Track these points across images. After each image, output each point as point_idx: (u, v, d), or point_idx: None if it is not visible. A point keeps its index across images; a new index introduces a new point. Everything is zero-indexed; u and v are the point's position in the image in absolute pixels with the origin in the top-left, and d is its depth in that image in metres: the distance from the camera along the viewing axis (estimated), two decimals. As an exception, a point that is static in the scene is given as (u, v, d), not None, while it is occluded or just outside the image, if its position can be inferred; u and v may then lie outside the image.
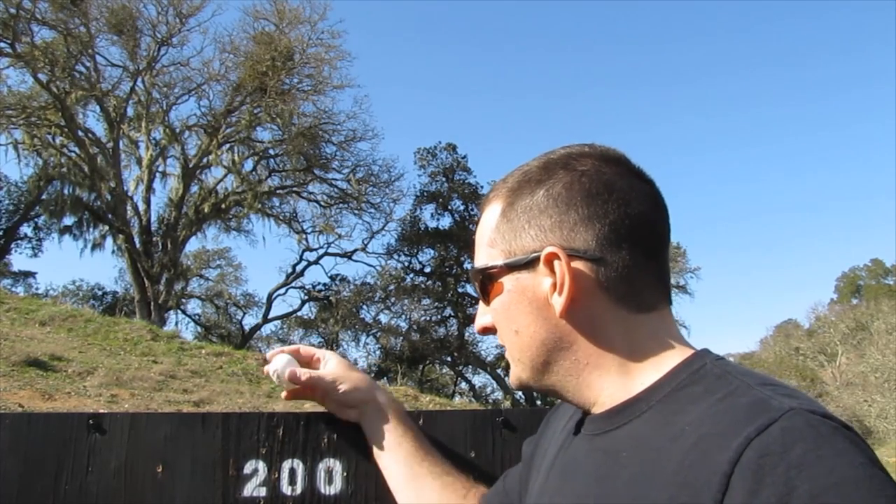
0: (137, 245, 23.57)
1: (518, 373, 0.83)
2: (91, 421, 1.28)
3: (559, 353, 0.78)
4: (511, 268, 0.79)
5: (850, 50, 75.94)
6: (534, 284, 0.78)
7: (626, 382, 0.76)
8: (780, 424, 0.60)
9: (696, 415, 0.66)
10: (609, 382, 0.77)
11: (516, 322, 0.80)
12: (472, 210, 30.95)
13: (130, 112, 24.97)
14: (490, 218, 0.83)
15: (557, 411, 0.99)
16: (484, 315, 0.86)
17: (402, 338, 30.03)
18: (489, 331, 0.85)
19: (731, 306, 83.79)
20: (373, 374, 28.57)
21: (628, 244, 0.76)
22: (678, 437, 0.66)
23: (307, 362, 1.22)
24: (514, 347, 0.81)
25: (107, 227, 24.49)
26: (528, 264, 0.78)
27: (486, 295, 0.84)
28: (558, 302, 0.75)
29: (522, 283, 0.79)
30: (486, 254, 0.83)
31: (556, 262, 0.75)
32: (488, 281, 0.82)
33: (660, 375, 0.74)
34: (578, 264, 0.75)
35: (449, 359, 31.10)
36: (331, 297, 29.72)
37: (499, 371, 30.83)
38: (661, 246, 0.80)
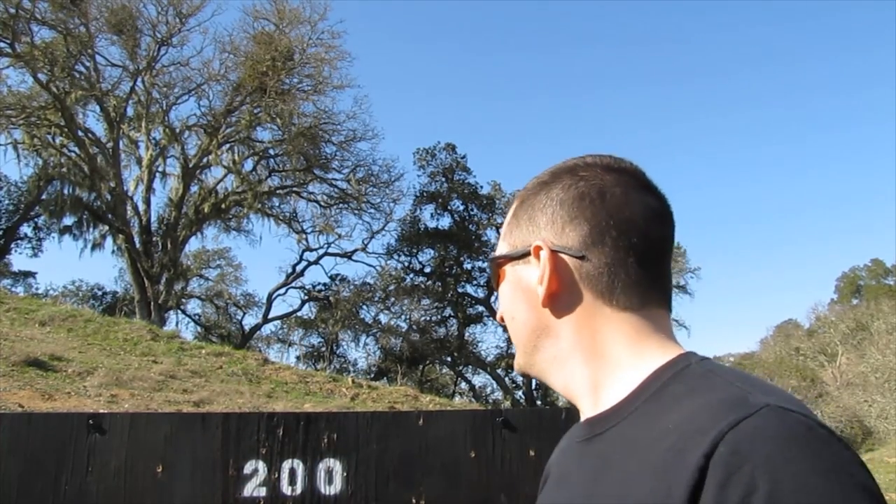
0: (137, 245, 23.56)
1: (517, 357, 0.92)
2: (91, 421, 1.28)
3: (546, 340, 0.85)
4: (511, 259, 0.89)
5: (850, 50, 75.90)
6: (527, 275, 0.87)
7: (607, 376, 0.81)
8: (752, 421, 0.62)
9: (679, 414, 0.68)
10: (591, 374, 0.82)
11: (513, 309, 0.89)
12: (471, 210, 30.95)
13: (130, 112, 25.00)
14: (509, 214, 0.94)
15: (562, 439, 1.01)
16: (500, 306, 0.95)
17: (401, 338, 30.01)
18: (504, 320, 0.94)
19: (731, 306, 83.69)
20: (373, 375, 28.60)
21: (612, 246, 0.82)
22: (663, 437, 0.68)
23: None
24: (512, 333, 0.90)
25: (107, 227, 24.49)
26: (523, 256, 0.87)
27: (497, 285, 0.94)
28: (540, 291, 0.84)
29: (518, 273, 0.88)
30: (499, 247, 0.93)
31: (541, 254, 0.83)
32: (497, 271, 0.92)
33: (641, 373, 0.77)
34: (563, 259, 0.83)
35: (449, 359, 31.09)
36: (331, 297, 29.70)
37: (499, 371, 30.84)
38: (655, 252, 0.83)
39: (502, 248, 0.92)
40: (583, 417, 0.84)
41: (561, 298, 0.83)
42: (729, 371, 0.73)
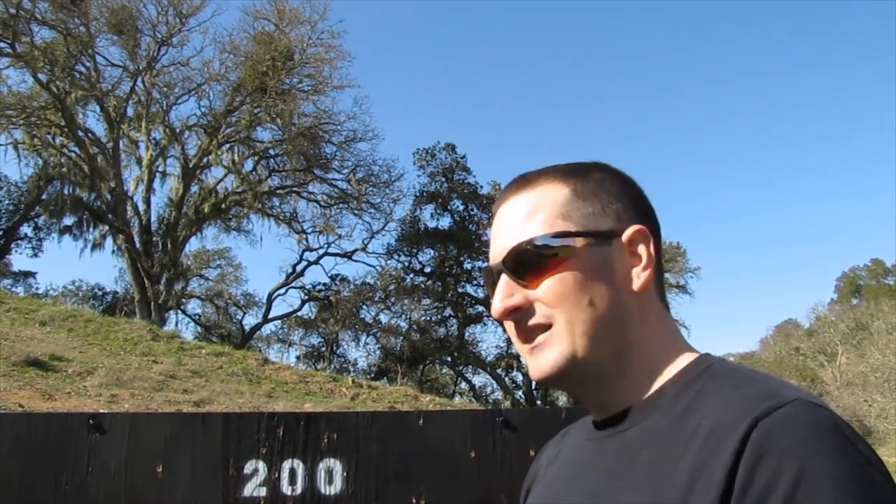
0: (137, 245, 23.56)
1: (573, 349, 0.78)
2: (91, 421, 1.28)
3: (622, 329, 0.79)
4: (590, 238, 0.79)
5: (850, 51, 75.97)
6: (613, 258, 0.80)
7: (649, 371, 0.80)
8: (785, 410, 0.65)
9: (709, 408, 0.70)
10: (641, 370, 0.80)
11: (591, 293, 0.78)
12: (471, 210, 30.93)
13: (130, 112, 24.99)
14: (554, 195, 0.82)
15: (546, 449, 1.00)
16: (513, 295, 0.81)
17: (402, 338, 30.02)
18: (516, 311, 0.81)
19: (731, 306, 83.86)
20: (373, 375, 28.60)
21: (658, 246, 0.84)
22: (695, 431, 0.69)
23: None
24: (580, 320, 0.77)
25: (107, 227, 24.49)
26: (608, 239, 0.80)
27: (539, 268, 0.79)
28: (641, 277, 0.80)
29: (603, 255, 0.80)
30: (554, 225, 0.80)
31: (641, 241, 0.81)
32: (553, 252, 0.79)
33: (671, 371, 0.79)
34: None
35: (449, 359, 31.08)
36: (331, 297, 29.69)
37: (499, 371, 30.84)
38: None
39: (566, 227, 0.80)
40: (604, 413, 0.82)
41: (650, 287, 0.81)
42: (752, 370, 0.76)
